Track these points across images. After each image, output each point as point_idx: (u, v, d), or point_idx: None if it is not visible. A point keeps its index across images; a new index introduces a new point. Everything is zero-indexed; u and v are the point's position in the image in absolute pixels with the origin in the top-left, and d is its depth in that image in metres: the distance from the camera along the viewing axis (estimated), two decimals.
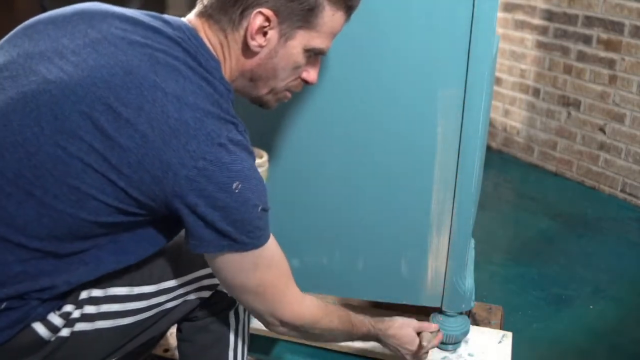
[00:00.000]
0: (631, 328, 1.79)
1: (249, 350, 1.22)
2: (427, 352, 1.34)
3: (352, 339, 1.23)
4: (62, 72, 0.88)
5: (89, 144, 0.85)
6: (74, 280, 0.94)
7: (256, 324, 1.62)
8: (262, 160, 1.29)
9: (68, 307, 0.96)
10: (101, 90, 0.86)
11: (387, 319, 1.30)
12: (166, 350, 1.52)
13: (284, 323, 1.05)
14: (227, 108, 0.93)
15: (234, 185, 0.89)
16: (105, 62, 0.88)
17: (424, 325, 1.34)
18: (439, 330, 1.40)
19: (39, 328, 0.93)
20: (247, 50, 0.98)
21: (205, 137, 0.88)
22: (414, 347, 1.31)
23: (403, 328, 1.30)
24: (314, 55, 1.04)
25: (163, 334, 1.16)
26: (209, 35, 0.97)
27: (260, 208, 0.94)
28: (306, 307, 1.07)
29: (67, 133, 0.85)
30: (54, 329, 0.94)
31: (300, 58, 1.01)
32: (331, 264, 1.48)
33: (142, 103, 0.86)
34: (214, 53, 0.97)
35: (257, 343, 1.61)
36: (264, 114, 1.38)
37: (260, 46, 0.97)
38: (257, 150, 1.33)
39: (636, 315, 1.85)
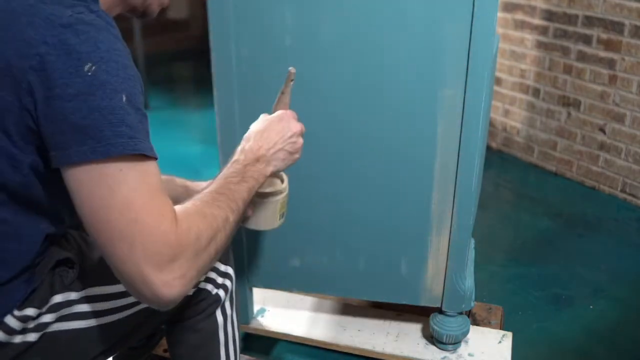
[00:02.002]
0: (631, 328, 1.79)
1: (246, 352, 1.21)
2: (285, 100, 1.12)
3: (241, 199, 0.96)
4: None
5: None
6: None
7: (256, 324, 1.62)
8: (283, 186, 1.18)
9: (30, 311, 0.92)
10: None
11: (245, 149, 1.05)
12: (166, 350, 1.52)
13: (168, 261, 0.78)
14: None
15: (86, 68, 0.77)
16: None
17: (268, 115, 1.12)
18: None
19: None
20: None
21: (42, 21, 0.79)
22: (279, 125, 1.08)
23: (265, 135, 1.06)
24: None
25: (162, 332, 1.15)
26: None
27: (124, 97, 0.79)
28: (178, 226, 0.81)
29: None
30: (10, 331, 0.91)
31: None
32: (331, 263, 1.48)
33: None
34: None
35: (257, 343, 1.61)
36: (265, 112, 1.38)
37: None
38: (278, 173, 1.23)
39: (636, 315, 1.85)
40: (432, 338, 1.55)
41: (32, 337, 0.94)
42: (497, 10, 1.22)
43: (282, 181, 1.26)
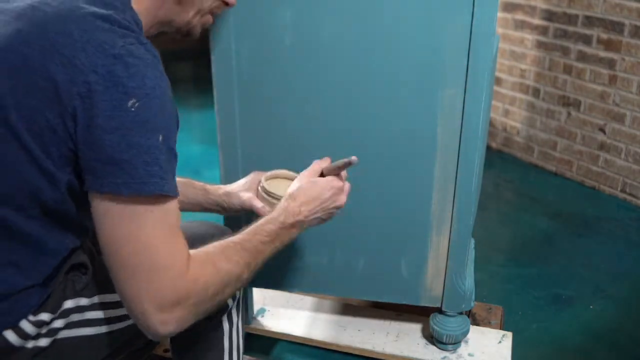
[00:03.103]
0: (631, 328, 1.79)
1: (246, 352, 1.21)
2: (339, 173, 1.14)
3: (263, 255, 0.99)
4: None
5: None
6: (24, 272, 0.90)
7: (256, 324, 1.62)
8: None
9: (44, 316, 0.93)
10: None
11: (281, 201, 1.08)
12: (166, 351, 1.52)
13: (170, 304, 0.82)
14: (128, 25, 0.85)
15: (130, 103, 0.79)
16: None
17: (315, 166, 1.14)
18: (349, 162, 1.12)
19: (9, 335, 0.90)
20: None
21: (95, 48, 0.80)
22: (328, 189, 1.10)
23: (306, 186, 1.09)
24: None
25: None
26: None
27: (160, 137, 0.82)
28: (188, 273, 0.84)
29: None
30: (26, 336, 0.91)
31: None
32: (331, 264, 1.48)
33: (20, 27, 0.83)
34: None
35: (257, 343, 1.61)
36: (265, 112, 1.38)
37: None
38: (296, 176, 1.22)
39: (636, 315, 1.85)
40: (432, 338, 1.55)
41: (43, 342, 0.93)
42: (497, 10, 1.22)
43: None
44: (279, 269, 1.52)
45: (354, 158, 1.10)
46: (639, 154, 2.51)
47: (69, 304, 0.96)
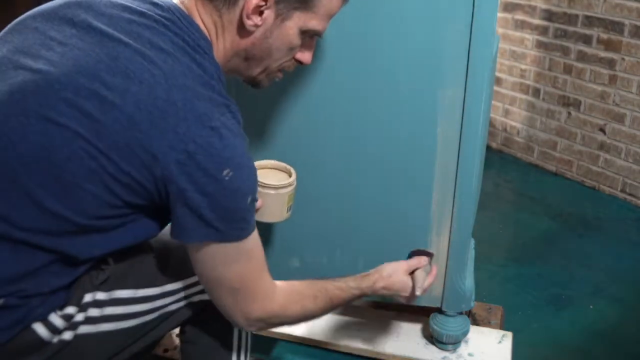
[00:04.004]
0: (631, 328, 1.79)
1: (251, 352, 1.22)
2: (424, 290, 1.30)
3: (335, 310, 1.19)
4: (48, 62, 0.88)
5: (74, 130, 0.84)
6: (68, 276, 0.94)
7: None
8: (291, 179, 1.27)
9: (70, 309, 0.95)
10: (85, 77, 0.85)
11: (373, 271, 1.25)
12: (166, 351, 1.52)
13: (255, 320, 1.02)
14: (219, 89, 0.92)
15: (225, 172, 0.87)
16: (91, 50, 0.88)
17: (414, 262, 1.30)
18: (431, 261, 1.36)
19: (39, 329, 0.92)
20: (242, 30, 0.96)
21: (195, 119, 0.86)
22: (407, 292, 1.27)
23: (393, 276, 1.25)
24: (310, 37, 1.03)
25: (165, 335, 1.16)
26: (202, 15, 0.96)
27: (249, 199, 0.91)
28: (276, 300, 1.03)
29: (52, 120, 0.85)
30: (55, 330, 0.93)
31: (296, 39, 1.00)
32: (331, 263, 1.48)
33: (128, 86, 0.85)
34: (206, 33, 0.96)
35: (257, 343, 1.60)
36: (265, 113, 1.38)
37: (256, 25, 0.95)
38: (286, 167, 1.32)
39: (636, 315, 1.85)
40: (432, 338, 1.55)
41: (67, 335, 0.95)
42: (497, 10, 1.22)
43: (290, 175, 1.28)
44: (279, 269, 1.51)
45: (434, 267, 1.36)
46: (639, 154, 2.51)
47: (88, 297, 0.97)
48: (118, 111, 0.84)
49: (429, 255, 1.38)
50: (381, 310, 1.68)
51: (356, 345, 1.56)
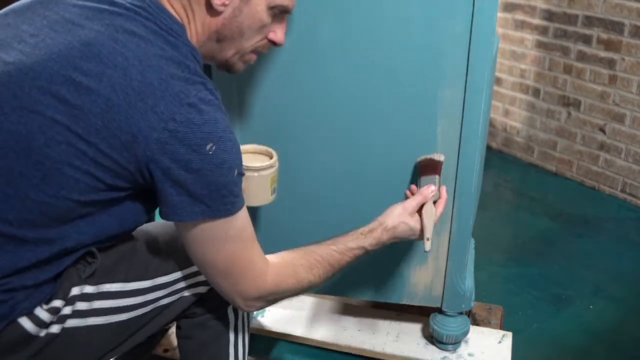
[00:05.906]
0: (631, 328, 1.79)
1: (249, 348, 1.22)
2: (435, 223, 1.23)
3: (339, 272, 1.15)
4: (20, 54, 0.88)
5: (51, 117, 0.85)
6: (55, 268, 0.93)
7: (256, 324, 1.62)
8: (272, 161, 1.28)
9: (57, 302, 0.94)
10: (59, 64, 0.86)
11: (375, 224, 1.19)
12: (166, 350, 1.52)
13: (253, 299, 1.02)
14: (194, 68, 0.92)
15: (208, 147, 0.88)
16: (63, 38, 0.89)
17: (419, 198, 1.21)
18: (439, 178, 1.26)
19: (26, 323, 0.92)
20: (210, 10, 0.98)
21: (173, 97, 0.87)
22: (416, 235, 1.21)
23: (398, 226, 1.19)
24: (280, 14, 1.04)
25: (162, 331, 1.15)
26: (171, 1, 0.97)
27: (236, 171, 0.92)
28: (269, 278, 1.02)
29: (27, 109, 0.85)
30: (41, 324, 0.93)
31: (265, 16, 1.01)
32: None
33: (102, 70, 0.86)
34: (177, 17, 0.97)
35: (257, 343, 1.61)
36: (265, 114, 1.38)
37: (224, 4, 0.97)
38: (267, 150, 1.33)
39: (636, 315, 1.85)
40: (432, 338, 1.55)
41: (55, 329, 0.95)
42: (497, 10, 1.22)
43: (272, 157, 1.28)
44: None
45: (442, 189, 1.25)
46: (639, 154, 2.51)
47: (75, 290, 0.97)
48: (94, 95, 0.85)
49: (438, 166, 1.27)
50: (381, 310, 1.68)
51: (356, 345, 1.56)
